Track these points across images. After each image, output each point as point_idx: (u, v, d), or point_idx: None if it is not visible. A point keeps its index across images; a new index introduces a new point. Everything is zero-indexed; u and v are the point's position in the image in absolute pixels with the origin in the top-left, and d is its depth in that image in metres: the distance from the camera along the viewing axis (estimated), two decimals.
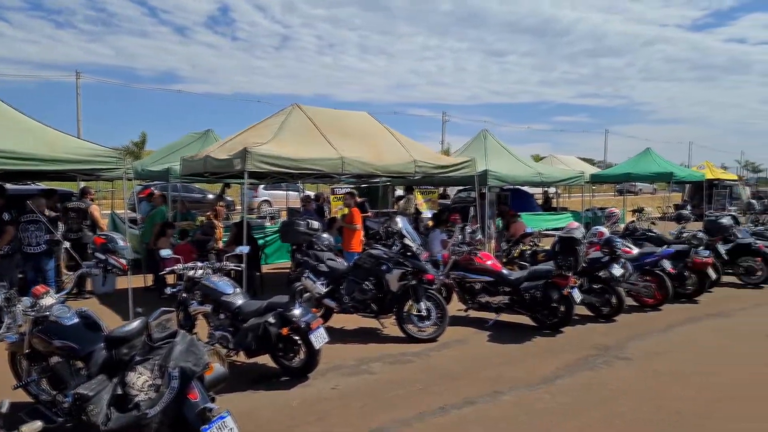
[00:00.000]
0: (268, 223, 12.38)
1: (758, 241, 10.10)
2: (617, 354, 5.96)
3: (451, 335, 6.57)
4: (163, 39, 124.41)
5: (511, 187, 16.29)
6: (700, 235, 9.16)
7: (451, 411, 4.48)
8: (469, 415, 4.42)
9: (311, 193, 15.50)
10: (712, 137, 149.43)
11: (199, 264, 5.62)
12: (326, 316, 6.97)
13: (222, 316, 5.32)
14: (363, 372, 5.41)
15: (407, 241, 6.64)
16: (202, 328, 5.65)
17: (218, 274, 5.58)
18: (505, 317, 7.22)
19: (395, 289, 6.51)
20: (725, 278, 9.69)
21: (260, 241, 10.41)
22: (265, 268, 10.34)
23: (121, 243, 4.60)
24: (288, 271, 9.57)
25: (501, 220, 12.19)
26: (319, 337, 5.01)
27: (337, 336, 6.49)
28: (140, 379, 3.28)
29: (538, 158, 32.78)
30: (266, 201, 21.86)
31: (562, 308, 6.81)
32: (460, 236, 7.57)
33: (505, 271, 7.29)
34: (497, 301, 7.14)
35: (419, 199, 12.98)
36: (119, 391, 3.28)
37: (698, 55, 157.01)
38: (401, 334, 6.48)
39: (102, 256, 4.50)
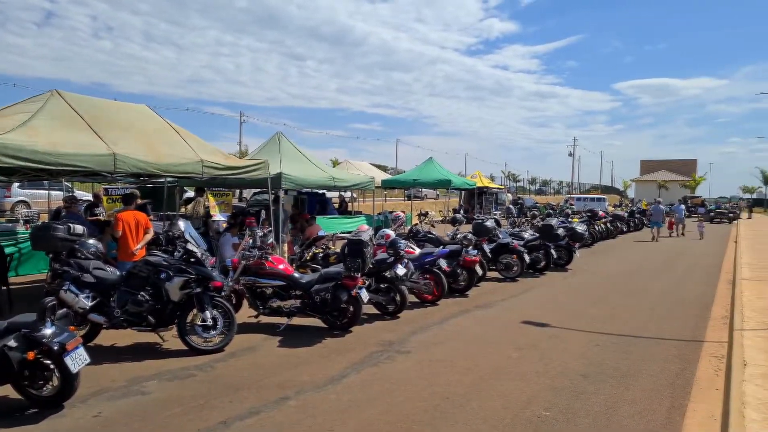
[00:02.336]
0: (21, 228, 10.46)
1: (514, 241, 11.84)
2: (399, 348, 6.34)
3: (240, 344, 6.29)
4: None
5: (310, 190, 16.51)
6: (470, 236, 10.38)
7: (234, 423, 4.24)
8: (253, 425, 4.24)
9: (83, 193, 13.61)
10: (483, 150, 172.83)
11: None
12: (93, 334, 6.14)
13: None
14: (134, 393, 4.83)
15: (191, 247, 6.17)
16: None
17: None
18: (297, 321, 7.19)
19: (176, 299, 5.98)
20: (490, 274, 11.10)
21: (9, 249, 8.72)
22: (16, 281, 8.73)
23: None
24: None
25: (292, 225, 12.16)
26: (76, 359, 4.32)
27: (106, 355, 5.76)
28: None
29: (336, 163, 33.93)
30: (23, 202, 18.64)
31: (351, 308, 7.04)
32: (251, 240, 7.31)
33: (296, 275, 7.27)
34: (289, 305, 7.08)
35: (211, 202, 12.24)
36: None
37: (472, 77, 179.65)
38: (184, 347, 5.99)
39: None
